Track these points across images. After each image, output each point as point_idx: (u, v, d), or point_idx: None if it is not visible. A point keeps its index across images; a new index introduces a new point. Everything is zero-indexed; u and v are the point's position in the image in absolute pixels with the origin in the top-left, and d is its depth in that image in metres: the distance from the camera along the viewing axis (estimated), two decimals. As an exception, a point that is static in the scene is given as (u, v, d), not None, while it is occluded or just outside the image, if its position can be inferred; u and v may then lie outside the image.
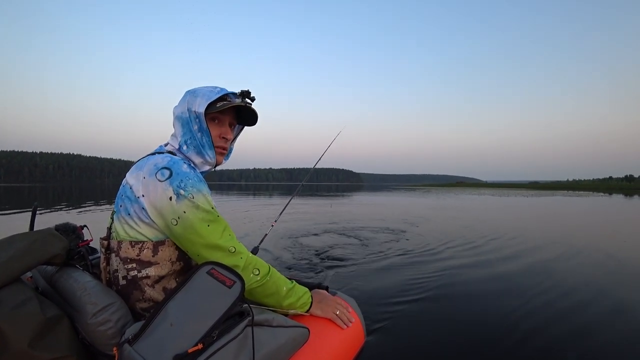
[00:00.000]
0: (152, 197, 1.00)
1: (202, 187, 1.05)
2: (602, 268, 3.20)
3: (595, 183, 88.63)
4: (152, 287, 1.05)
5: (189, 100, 1.13)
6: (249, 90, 1.20)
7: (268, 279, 1.08)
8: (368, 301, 2.17)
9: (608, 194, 23.35)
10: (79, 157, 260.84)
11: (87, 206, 10.06)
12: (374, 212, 9.06)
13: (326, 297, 1.26)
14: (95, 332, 0.90)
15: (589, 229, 6.14)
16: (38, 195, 17.81)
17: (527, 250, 3.96)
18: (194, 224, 0.99)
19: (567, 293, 2.43)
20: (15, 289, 0.86)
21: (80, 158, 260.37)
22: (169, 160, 1.06)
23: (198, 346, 0.76)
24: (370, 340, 1.64)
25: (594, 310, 2.13)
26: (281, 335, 0.96)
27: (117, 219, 1.07)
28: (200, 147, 1.14)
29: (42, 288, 1.09)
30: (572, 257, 3.64)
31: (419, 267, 3.13)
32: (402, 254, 3.64)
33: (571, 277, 2.86)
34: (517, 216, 8.40)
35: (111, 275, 1.08)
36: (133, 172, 1.08)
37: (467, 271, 3.00)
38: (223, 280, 0.87)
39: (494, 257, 3.59)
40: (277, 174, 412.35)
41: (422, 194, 22.30)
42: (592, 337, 1.76)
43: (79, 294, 0.93)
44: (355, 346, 1.25)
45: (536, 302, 2.24)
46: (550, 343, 1.70)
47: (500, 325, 1.90)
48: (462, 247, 4.04)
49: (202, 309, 0.83)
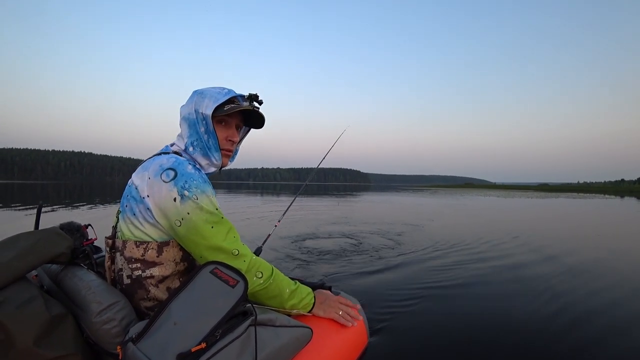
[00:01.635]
0: (156, 198, 1.01)
1: (207, 189, 1.05)
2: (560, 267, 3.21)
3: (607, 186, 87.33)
4: (156, 287, 1.06)
5: (197, 101, 1.13)
6: (257, 94, 1.20)
7: (271, 281, 1.08)
8: (371, 301, 2.17)
9: (619, 197, 23.01)
10: (90, 155, 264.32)
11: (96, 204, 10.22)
12: (376, 212, 9.12)
13: (329, 298, 1.25)
14: (99, 331, 0.91)
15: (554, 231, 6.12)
16: (50, 193, 18.11)
17: (517, 252, 3.98)
18: (197, 225, 0.99)
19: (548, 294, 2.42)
20: (20, 287, 0.86)
21: (91, 156, 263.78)
22: (174, 161, 1.06)
23: (201, 345, 0.76)
24: (374, 340, 1.63)
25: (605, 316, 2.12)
26: (284, 335, 0.96)
27: (123, 219, 1.08)
28: (207, 149, 1.14)
29: (47, 286, 1.10)
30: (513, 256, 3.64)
31: (422, 267, 3.13)
32: (403, 254, 3.64)
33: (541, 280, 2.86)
34: (510, 217, 8.49)
35: (116, 274, 1.09)
36: (139, 172, 1.09)
37: (469, 272, 2.99)
38: (226, 280, 0.87)
39: (492, 256, 3.58)
40: (284, 173, 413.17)
41: (422, 195, 22.38)
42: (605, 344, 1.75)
43: (84, 292, 0.93)
44: (359, 347, 1.24)
45: (543, 304, 2.23)
46: (554, 345, 1.68)
47: (506, 326, 1.89)
48: (455, 249, 4.03)
49: (206, 308, 0.83)
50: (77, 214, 7.36)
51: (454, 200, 15.44)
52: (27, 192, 18.79)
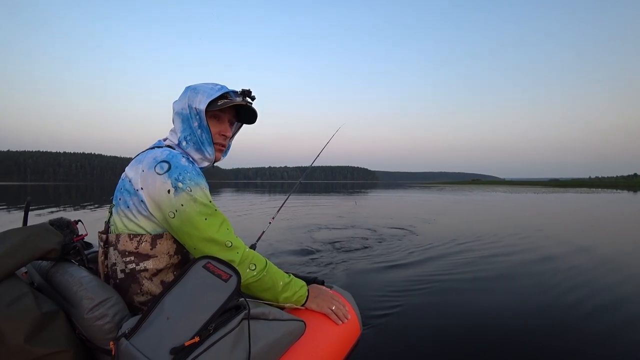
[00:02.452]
0: (150, 190, 1.01)
1: (200, 181, 1.05)
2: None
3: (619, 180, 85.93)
4: (150, 280, 1.06)
5: (190, 97, 1.14)
6: (250, 90, 1.22)
7: (264, 274, 1.08)
8: (365, 294, 2.20)
9: (632, 192, 22.82)
10: (100, 157, 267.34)
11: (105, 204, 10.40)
12: (377, 209, 9.36)
13: (322, 292, 1.26)
14: (92, 327, 0.90)
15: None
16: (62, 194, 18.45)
17: (525, 248, 4.13)
18: (191, 217, 1.00)
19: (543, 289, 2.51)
20: (10, 284, 0.85)
21: (101, 158, 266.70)
22: (168, 153, 1.07)
23: (195, 339, 0.77)
24: (366, 333, 1.67)
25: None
26: (277, 329, 0.96)
27: (116, 212, 1.08)
28: (200, 144, 1.15)
29: (38, 283, 1.09)
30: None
31: (415, 262, 3.19)
32: (395, 251, 3.71)
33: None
34: (508, 214, 8.86)
35: (109, 268, 1.08)
36: (132, 165, 1.09)
37: (460, 267, 3.06)
38: (219, 274, 0.88)
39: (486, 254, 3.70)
40: (292, 172, 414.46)
41: (429, 192, 22.98)
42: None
43: (75, 288, 0.93)
44: (351, 339, 1.26)
45: (533, 300, 2.30)
46: (537, 341, 1.73)
47: (498, 321, 1.93)
48: (448, 245, 4.11)
49: (199, 302, 0.83)
50: (100, 214, 7.42)
51: (457, 197, 15.72)
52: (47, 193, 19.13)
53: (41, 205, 9.61)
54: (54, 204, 10.65)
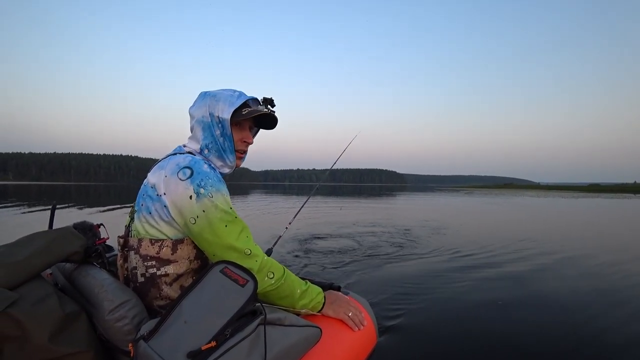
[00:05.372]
0: (173, 195, 1.02)
1: (222, 188, 1.07)
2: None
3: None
4: (170, 285, 1.07)
5: (210, 105, 1.15)
6: (272, 98, 1.24)
7: (282, 282, 1.08)
8: (381, 301, 2.17)
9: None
10: (137, 159, 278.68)
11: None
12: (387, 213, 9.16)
13: (339, 298, 1.25)
14: (112, 328, 0.92)
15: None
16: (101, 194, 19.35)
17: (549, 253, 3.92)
18: (211, 223, 1.01)
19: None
20: (36, 285, 0.88)
21: (137, 159, 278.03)
22: (191, 159, 1.08)
23: (211, 344, 0.77)
24: (382, 341, 1.64)
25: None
26: (293, 335, 0.96)
27: (138, 218, 1.10)
28: (222, 151, 1.17)
29: (62, 285, 1.13)
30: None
31: (432, 268, 3.11)
32: (409, 254, 3.64)
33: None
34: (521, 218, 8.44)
35: (129, 272, 1.10)
36: (155, 171, 1.11)
37: (477, 274, 2.96)
38: (236, 279, 0.88)
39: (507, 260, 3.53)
40: (320, 174, 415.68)
41: (455, 195, 22.59)
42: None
43: (97, 290, 0.95)
44: (367, 347, 1.24)
45: (559, 311, 2.21)
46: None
47: (520, 332, 1.86)
48: (455, 251, 3.97)
49: (216, 307, 0.84)
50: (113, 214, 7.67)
51: (481, 201, 15.42)
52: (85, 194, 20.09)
53: (82, 205, 10.03)
54: (96, 204, 11.12)
